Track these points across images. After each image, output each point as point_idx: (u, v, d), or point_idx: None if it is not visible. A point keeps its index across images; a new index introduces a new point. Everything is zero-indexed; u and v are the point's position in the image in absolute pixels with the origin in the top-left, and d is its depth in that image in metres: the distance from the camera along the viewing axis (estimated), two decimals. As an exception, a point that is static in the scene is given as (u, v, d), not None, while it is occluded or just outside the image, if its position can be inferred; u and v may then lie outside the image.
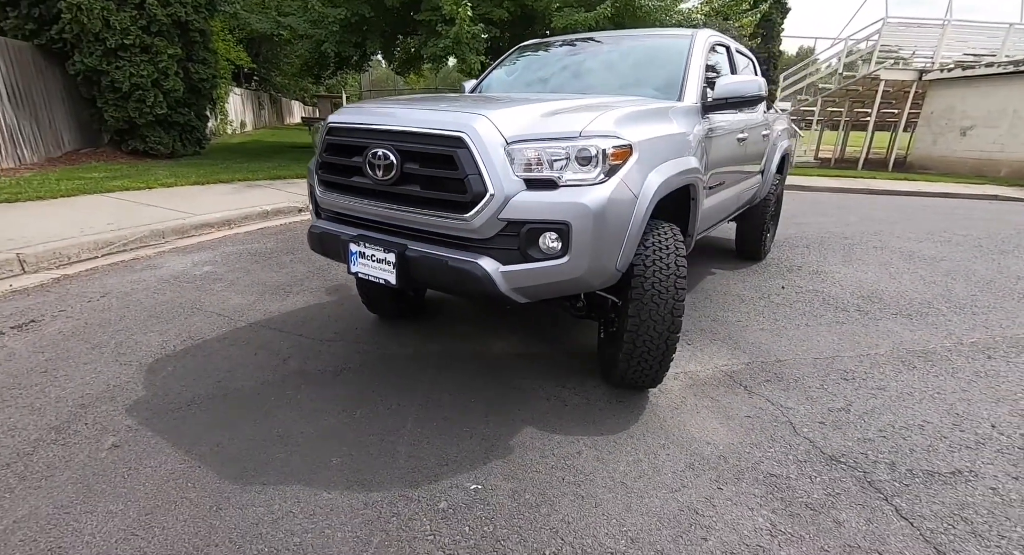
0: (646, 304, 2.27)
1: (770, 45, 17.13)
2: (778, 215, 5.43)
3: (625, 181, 2.06)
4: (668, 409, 2.48)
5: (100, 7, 8.35)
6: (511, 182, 1.96)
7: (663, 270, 2.29)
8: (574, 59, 3.58)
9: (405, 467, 1.98)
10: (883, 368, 2.95)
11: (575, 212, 1.95)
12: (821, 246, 5.88)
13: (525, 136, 1.99)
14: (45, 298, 3.44)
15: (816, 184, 11.67)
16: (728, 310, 3.77)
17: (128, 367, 2.61)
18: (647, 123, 2.34)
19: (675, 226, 2.49)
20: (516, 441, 2.18)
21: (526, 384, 2.65)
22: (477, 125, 1.99)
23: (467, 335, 3.20)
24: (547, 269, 2.01)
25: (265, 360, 2.76)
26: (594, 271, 2.07)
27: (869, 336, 3.39)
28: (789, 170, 5.86)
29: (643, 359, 2.36)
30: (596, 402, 2.52)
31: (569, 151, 1.98)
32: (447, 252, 2.08)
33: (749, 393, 2.64)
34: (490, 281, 1.99)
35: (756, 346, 3.19)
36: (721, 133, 3.17)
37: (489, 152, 1.96)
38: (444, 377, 2.68)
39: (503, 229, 2.00)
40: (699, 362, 2.96)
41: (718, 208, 3.40)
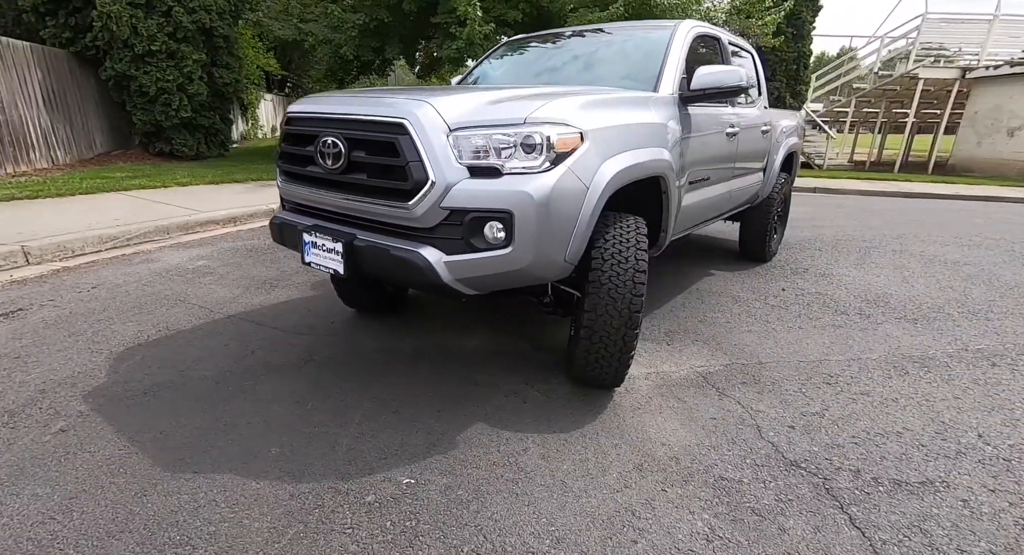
0: (602, 299, 2.20)
1: (800, 44, 16.52)
2: (786, 216, 5.23)
3: (573, 170, 1.99)
4: (630, 409, 2.39)
5: (129, 15, 8.70)
6: (453, 170, 1.93)
7: (621, 264, 2.22)
8: (559, 53, 3.53)
9: (343, 459, 1.95)
10: (871, 373, 2.78)
11: (517, 201, 1.90)
12: (835, 249, 5.64)
13: (469, 123, 1.95)
14: (39, 288, 3.56)
15: (844, 187, 11.25)
16: (718, 311, 3.64)
17: (98, 355, 2.67)
18: (606, 112, 2.27)
19: (640, 220, 2.41)
20: (463, 436, 2.13)
21: (489, 380, 2.60)
22: (419, 111, 1.96)
23: (441, 330, 3.17)
24: (491, 259, 1.96)
25: (233, 351, 2.78)
26: (540, 263, 2.01)
27: (864, 340, 3.21)
28: (799, 169, 5.66)
29: (601, 356, 2.28)
30: (557, 400, 2.45)
31: (513, 138, 1.93)
32: (392, 241, 2.06)
33: (720, 395, 2.53)
34: (432, 271, 1.96)
35: (739, 348, 3.06)
36: (704, 126, 3.06)
37: (431, 139, 1.93)
38: (407, 371, 2.65)
39: (446, 218, 1.96)
40: (675, 362, 2.86)
41: (704, 205, 3.29)
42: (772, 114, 4.49)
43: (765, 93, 4.27)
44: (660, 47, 2.99)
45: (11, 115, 7.94)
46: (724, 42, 3.55)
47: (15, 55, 8.16)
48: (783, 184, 4.72)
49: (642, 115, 2.50)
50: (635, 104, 2.52)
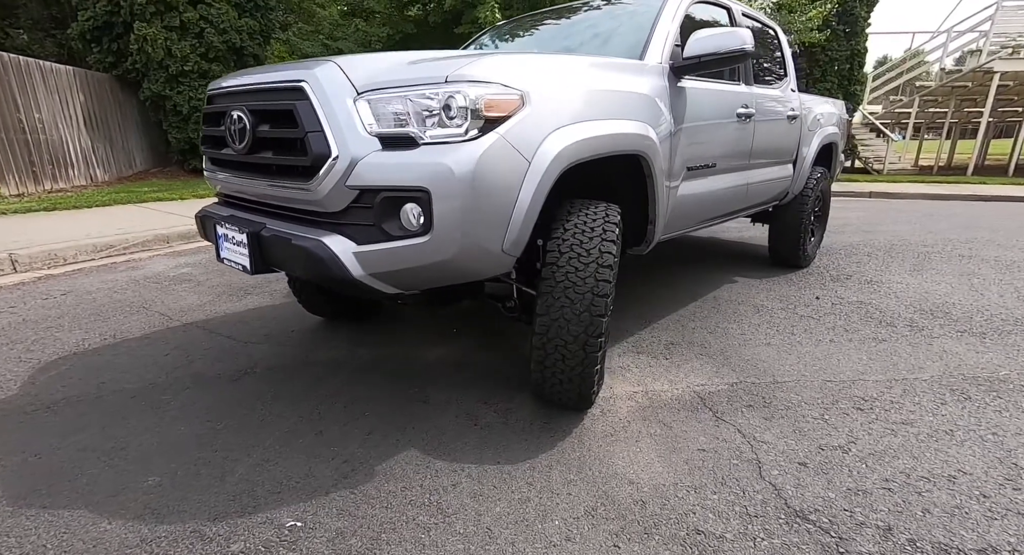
0: (557, 299, 1.80)
1: (853, 42, 15.45)
2: (824, 216, 4.63)
3: (508, 139, 1.62)
4: (600, 436, 1.95)
5: (164, 38, 9.01)
6: (360, 141, 1.59)
7: (581, 258, 1.82)
8: (550, 30, 3.16)
9: (228, 494, 1.61)
10: (919, 397, 2.23)
11: (435, 176, 1.54)
12: (888, 254, 4.97)
13: (380, 84, 1.61)
14: (6, 295, 3.46)
15: (905, 190, 10.29)
16: (734, 321, 3.13)
17: (23, 365, 2.46)
18: (565, 74, 1.89)
19: (614, 207, 2.01)
20: (384, 466, 1.76)
21: (442, 397, 2.23)
22: (320, 71, 1.65)
23: (408, 338, 2.82)
24: (408, 249, 1.60)
25: (170, 362, 2.52)
26: (470, 254, 1.64)
27: (914, 357, 2.64)
28: (841, 164, 5.04)
29: (559, 370, 1.87)
30: (514, 423, 2.04)
31: (433, 101, 1.58)
32: (297, 230, 1.73)
33: (716, 420, 2.05)
34: (337, 264, 1.61)
35: (752, 364, 2.56)
36: (706, 103, 2.62)
37: (332, 104, 1.60)
38: (352, 385, 2.31)
39: (356, 200, 1.63)
40: (669, 380, 2.39)
41: (709, 197, 2.82)
42: (804, 99, 3.96)
43: (793, 76, 3.76)
44: (652, 13, 2.59)
45: (51, 135, 8.29)
46: (736, 12, 3.11)
47: (58, 79, 8.54)
48: (819, 180, 4.15)
49: (618, 82, 2.10)
50: (610, 69, 2.13)
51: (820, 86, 15.24)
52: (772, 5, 10.77)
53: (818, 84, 15.30)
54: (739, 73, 3.05)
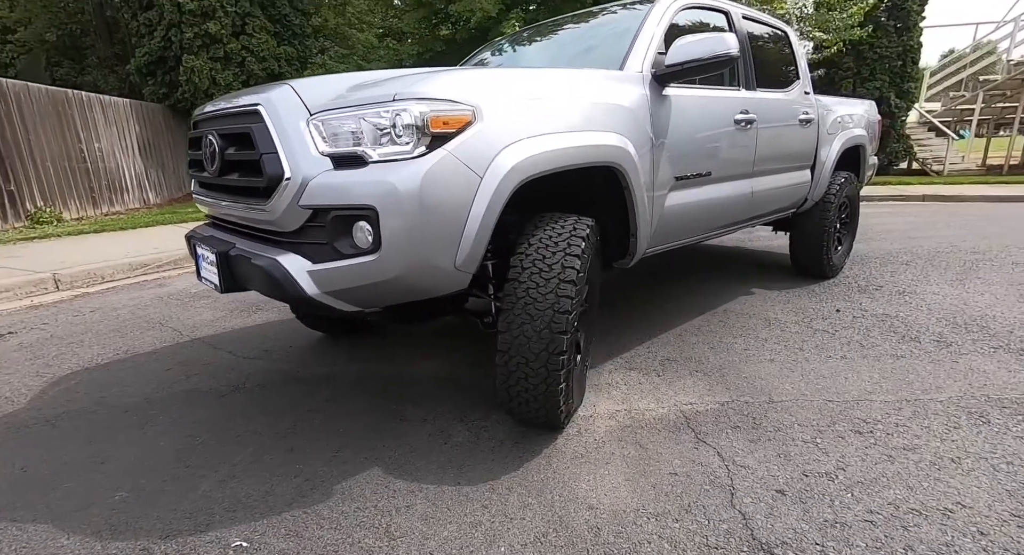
0: (517, 315, 1.77)
1: (905, 37, 14.60)
2: (853, 223, 4.37)
3: (457, 155, 1.61)
4: (570, 457, 1.89)
5: (209, 68, 9.58)
6: (312, 161, 1.62)
7: (543, 273, 1.78)
8: (543, 43, 3.15)
9: (186, 511, 1.64)
10: (928, 420, 2.04)
11: (380, 193, 1.55)
12: (929, 262, 4.63)
13: (332, 105, 1.64)
14: (44, 312, 3.72)
15: (963, 193, 9.62)
16: (740, 335, 2.98)
17: (39, 379, 2.62)
18: (525, 88, 1.87)
19: (585, 221, 1.96)
20: (345, 485, 1.76)
21: (420, 413, 2.22)
22: (275, 94, 1.69)
23: (400, 354, 2.84)
24: (358, 267, 1.61)
25: (170, 377, 2.63)
26: (420, 271, 1.63)
27: (933, 375, 2.43)
28: (873, 167, 4.77)
29: (522, 388, 1.83)
30: (485, 442, 2.00)
31: (381, 119, 1.59)
32: (259, 249, 1.78)
33: (697, 442, 1.95)
34: (291, 283, 1.64)
35: (749, 381, 2.42)
36: (696, 110, 2.54)
37: (286, 125, 1.64)
38: (335, 402, 2.34)
39: (310, 219, 1.65)
40: (656, 398, 2.29)
41: (705, 208, 2.71)
42: (823, 101, 3.78)
43: (806, 78, 3.60)
44: (634, 23, 2.54)
45: (109, 163, 8.92)
46: (735, 15, 3.00)
47: (116, 111, 9.21)
48: (843, 185, 3.93)
49: (587, 92, 2.06)
50: (578, 80, 2.10)
51: (869, 85, 14.52)
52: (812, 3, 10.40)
53: (867, 83, 14.59)
54: (738, 77, 2.94)
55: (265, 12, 10.03)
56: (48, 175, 7.70)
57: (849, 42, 11.67)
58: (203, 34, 9.36)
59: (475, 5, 9.23)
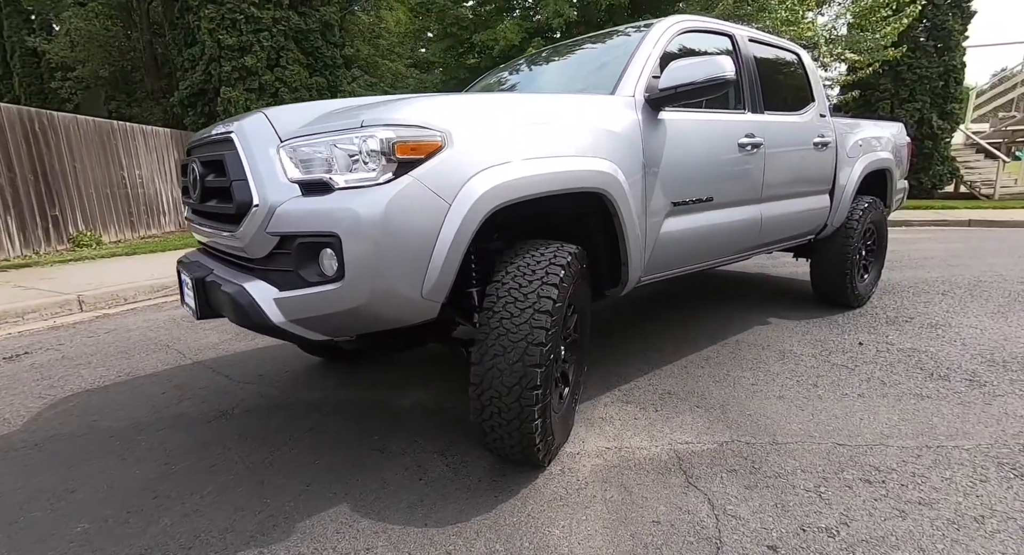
0: (490, 347, 1.69)
1: (947, 57, 14.11)
2: (881, 250, 4.14)
3: (424, 181, 1.57)
4: (549, 499, 1.77)
5: (244, 99, 10.02)
6: (280, 188, 1.61)
7: (518, 303, 1.71)
8: (541, 69, 3.14)
9: (142, 546, 1.59)
10: (953, 470, 1.85)
11: (343, 221, 1.52)
12: (969, 292, 4.34)
13: (302, 132, 1.63)
14: (62, 334, 3.83)
15: (1015, 217, 9.13)
16: (750, 369, 2.81)
17: (40, 401, 2.67)
18: (495, 112, 1.83)
19: (568, 248, 1.89)
20: (307, 524, 1.69)
21: (400, 446, 2.14)
22: (247, 122, 1.71)
23: (390, 383, 2.78)
24: (323, 296, 1.57)
25: (163, 400, 2.63)
26: (384, 300, 1.58)
27: (961, 418, 2.22)
28: (903, 191, 4.54)
29: (496, 423, 1.74)
30: (463, 479, 1.91)
31: (348, 145, 1.57)
32: (231, 276, 1.76)
33: (688, 486, 1.81)
34: (256, 311, 1.61)
35: (753, 420, 2.26)
36: (694, 134, 2.45)
37: (255, 152, 1.64)
38: (317, 431, 2.29)
39: (278, 246, 1.63)
40: (650, 435, 2.16)
41: (707, 235, 2.59)
42: (841, 124, 3.63)
43: (822, 100, 3.46)
44: (631, 47, 2.49)
45: (148, 188, 9.34)
46: (740, 38, 2.92)
47: (157, 140, 9.68)
48: (867, 210, 3.74)
49: (572, 118, 2.01)
50: (564, 106, 2.05)
51: (908, 107, 14.07)
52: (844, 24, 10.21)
53: (905, 104, 14.15)
54: (744, 100, 2.84)
55: (299, 45, 10.48)
56: (91, 201, 8.10)
57: (885, 63, 11.37)
58: (240, 67, 9.83)
59: (498, 34, 9.42)
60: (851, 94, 12.88)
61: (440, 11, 11.60)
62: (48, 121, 7.40)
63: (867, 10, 9.49)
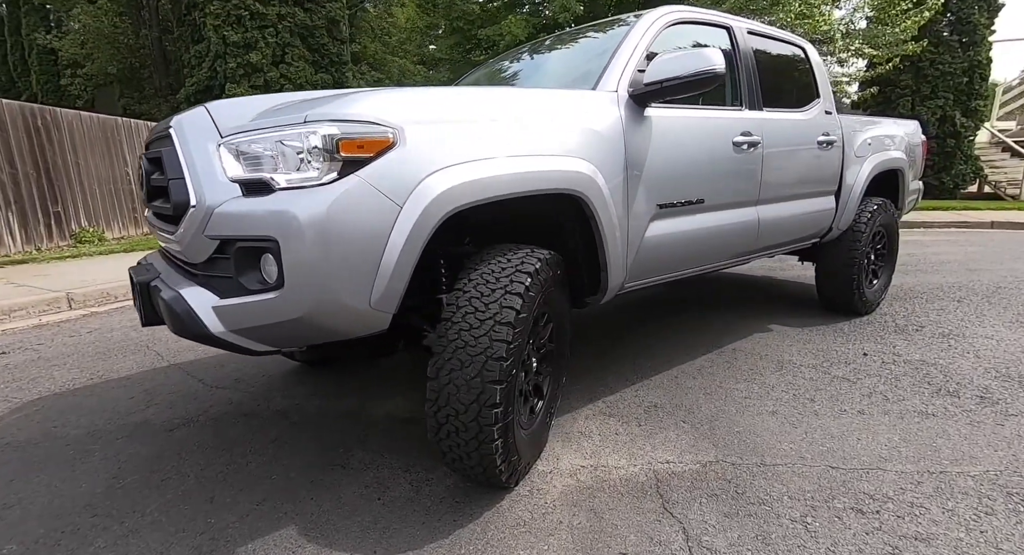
0: (447, 360, 1.57)
1: (972, 52, 13.59)
2: (892, 254, 3.94)
3: (372, 182, 1.45)
4: (511, 524, 1.65)
5: (248, 96, 9.96)
6: (220, 187, 1.49)
7: (478, 313, 1.58)
8: (527, 63, 3.00)
9: (73, 564, 1.50)
10: (956, 500, 1.69)
11: (282, 224, 1.40)
12: (987, 299, 4.13)
13: (244, 128, 1.52)
14: (45, 332, 3.78)
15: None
16: (745, 380, 2.65)
17: (4, 404, 2.60)
18: (455, 108, 1.70)
19: (538, 253, 1.76)
20: (247, 549, 1.57)
21: (364, 461, 2.03)
22: (186, 116, 1.60)
23: (365, 391, 2.66)
24: (263, 305, 1.45)
25: (129, 405, 2.55)
26: (327, 310, 1.46)
27: (969, 441, 2.05)
28: (917, 192, 4.33)
29: (454, 443, 1.62)
30: (424, 499, 1.79)
31: (291, 142, 1.45)
32: (172, 281, 1.65)
33: (662, 513, 1.67)
34: (193, 319, 1.50)
35: (742, 437, 2.11)
36: (683, 132, 2.30)
37: (192, 149, 1.53)
38: (281, 443, 2.18)
39: (218, 250, 1.52)
40: (631, 453, 2.02)
41: (699, 239, 2.44)
42: (849, 121, 3.44)
43: (828, 96, 3.28)
44: (617, 40, 2.34)
45: (153, 184, 9.31)
46: (738, 31, 2.75)
47: (163, 135, 9.66)
48: (876, 212, 3.55)
49: (546, 115, 1.88)
50: (537, 102, 1.91)
51: (930, 103, 13.65)
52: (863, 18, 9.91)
53: (927, 101, 13.72)
54: (741, 96, 2.68)
55: (304, 42, 10.43)
56: (94, 197, 8.11)
57: (906, 58, 11.01)
58: (245, 64, 9.80)
59: (504, 30, 9.28)
60: (870, 90, 12.52)
61: (447, 6, 11.49)
62: (51, 117, 7.42)
63: (887, 2, 9.18)
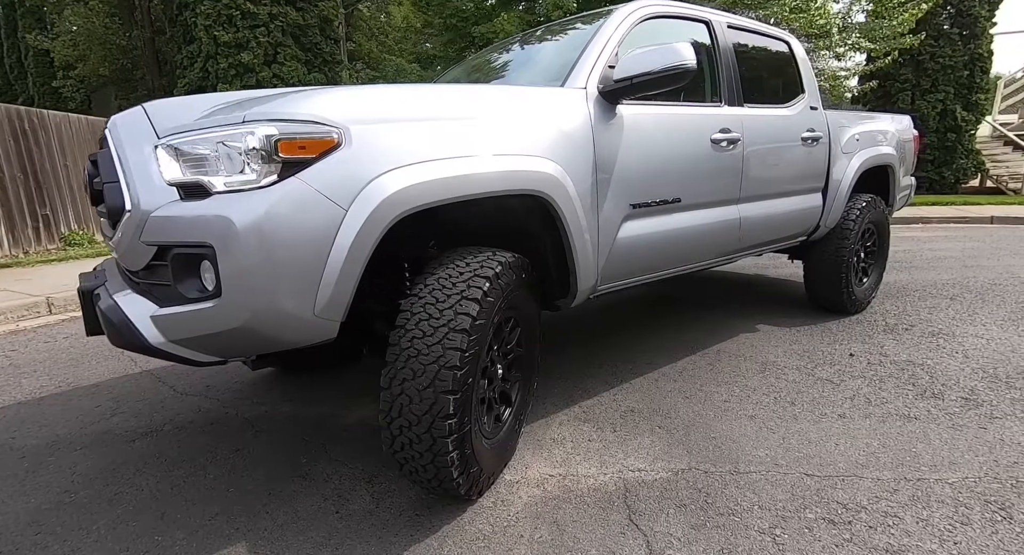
0: (400, 370, 1.51)
1: (972, 45, 13.40)
2: (882, 252, 3.86)
3: (313, 184, 1.38)
4: (470, 539, 1.59)
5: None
6: (157, 191, 1.43)
7: (432, 319, 1.52)
8: (501, 60, 2.93)
9: (12, 582, 1.45)
10: (932, 509, 1.62)
11: (217, 230, 1.34)
12: (981, 297, 4.05)
13: (181, 128, 1.45)
14: (20, 338, 3.73)
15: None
16: (725, 383, 2.59)
17: (-32, 412, 2.55)
18: (409, 106, 1.64)
19: (500, 256, 1.70)
20: (196, 562, 1.52)
21: (327, 471, 1.97)
22: (122, 117, 1.55)
23: (340, 397, 2.60)
24: (201, 314, 1.39)
25: (95, 414, 2.50)
26: (268, 320, 1.40)
27: (950, 446, 1.99)
28: (910, 188, 4.25)
29: (408, 455, 1.55)
30: (384, 512, 1.73)
31: (229, 143, 1.38)
32: (114, 289, 1.59)
33: (627, 524, 1.61)
34: (130, 331, 1.44)
35: (717, 443, 2.04)
36: (654, 129, 2.23)
37: (129, 151, 1.48)
38: (244, 452, 2.12)
39: (156, 257, 1.46)
40: (601, 460, 1.96)
41: (675, 239, 2.37)
42: (835, 117, 3.37)
43: (813, 91, 3.21)
44: (589, 35, 2.27)
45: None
46: (718, 25, 2.68)
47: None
48: (865, 209, 3.47)
49: (507, 113, 1.81)
50: (499, 100, 1.85)
51: (930, 97, 13.50)
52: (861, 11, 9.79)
53: (927, 95, 13.58)
54: (721, 92, 2.61)
55: (297, 41, 10.36)
56: (83, 199, 8.05)
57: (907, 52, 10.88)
58: (237, 64, 9.73)
59: (497, 27, 9.19)
60: (869, 85, 12.38)
61: (440, 3, 11.41)
62: (39, 119, 7.36)
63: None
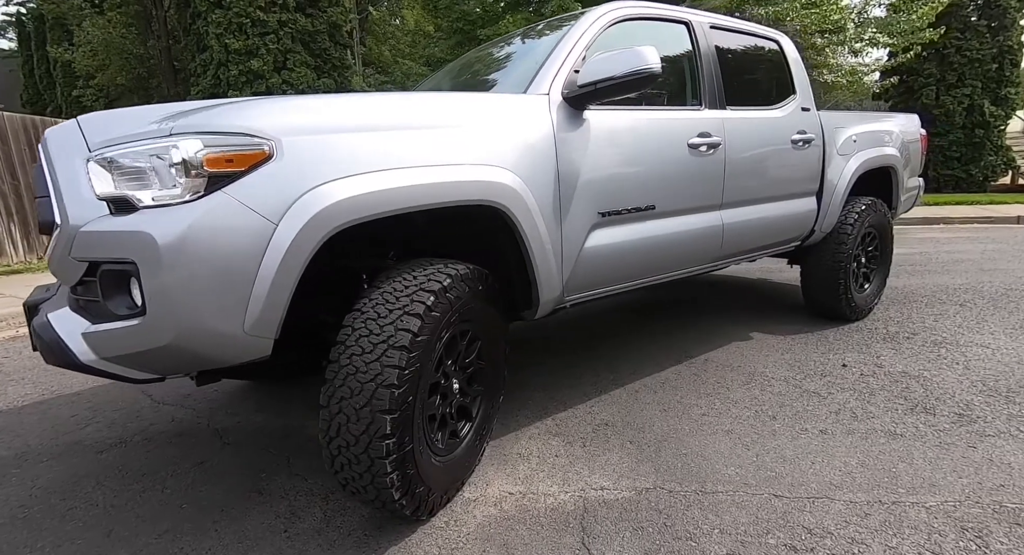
0: (339, 388, 1.47)
1: (1001, 37, 12.85)
2: (885, 257, 3.71)
3: (240, 198, 1.34)
4: (413, 561, 1.53)
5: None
6: (87, 206, 1.41)
7: (372, 335, 1.48)
8: (473, 67, 2.87)
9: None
10: (902, 535, 1.52)
11: (140, 245, 1.31)
12: (993, 303, 3.87)
13: (111, 142, 1.43)
14: (15, 346, 3.80)
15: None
16: (708, 394, 2.49)
17: (-54, 421, 2.58)
18: (347, 116, 1.59)
19: (450, 269, 1.66)
20: (134, 582, 1.50)
21: (284, 485, 1.94)
22: (55, 130, 1.55)
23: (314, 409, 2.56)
24: (128, 331, 1.36)
25: (69, 424, 2.51)
26: (196, 337, 1.36)
27: (934, 466, 1.87)
28: (913, 194, 4.08)
29: (348, 476, 1.51)
30: (333, 531, 1.69)
31: (155, 157, 1.36)
32: (55, 306, 1.58)
33: (579, 549, 1.54)
34: (61, 348, 1.42)
35: (687, 460, 1.96)
36: (624, 134, 2.16)
37: (59, 165, 1.46)
38: (206, 465, 2.10)
39: (87, 273, 1.43)
40: (564, 478, 1.89)
41: (650, 248, 2.29)
42: (830, 118, 3.24)
43: (805, 92, 3.09)
44: (556, 40, 2.20)
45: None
46: (699, 26, 2.58)
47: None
48: (864, 213, 3.34)
49: (459, 121, 1.76)
50: (450, 108, 1.80)
51: (956, 92, 13.04)
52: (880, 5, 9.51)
53: (953, 90, 13.12)
54: (702, 95, 2.52)
55: (306, 48, 10.45)
56: (97, 206, 8.22)
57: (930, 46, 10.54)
58: (247, 71, 9.86)
59: (502, 29, 9.15)
60: (890, 80, 12.02)
61: (447, 7, 11.42)
62: (53, 129, 7.54)
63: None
